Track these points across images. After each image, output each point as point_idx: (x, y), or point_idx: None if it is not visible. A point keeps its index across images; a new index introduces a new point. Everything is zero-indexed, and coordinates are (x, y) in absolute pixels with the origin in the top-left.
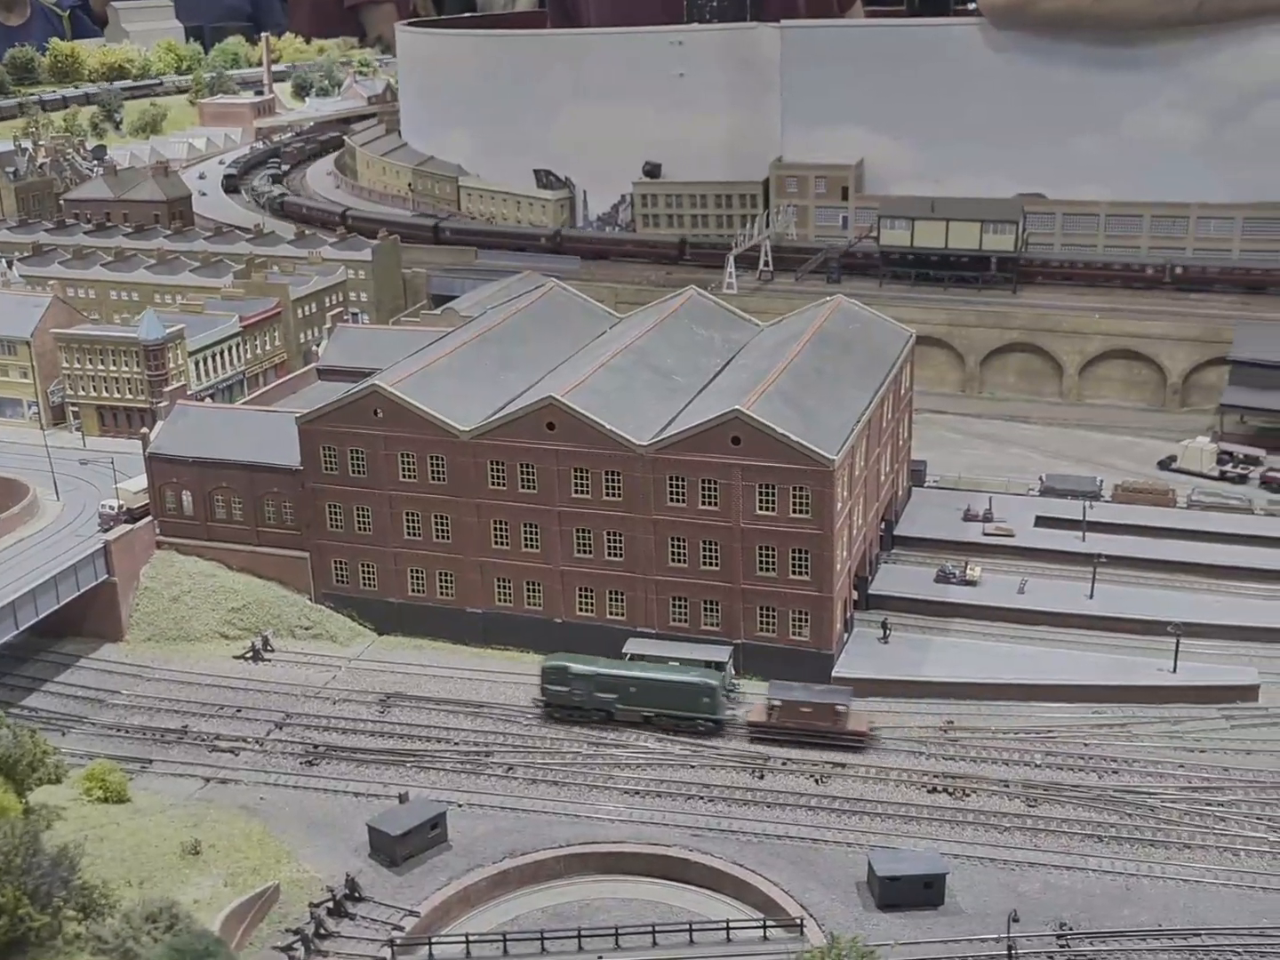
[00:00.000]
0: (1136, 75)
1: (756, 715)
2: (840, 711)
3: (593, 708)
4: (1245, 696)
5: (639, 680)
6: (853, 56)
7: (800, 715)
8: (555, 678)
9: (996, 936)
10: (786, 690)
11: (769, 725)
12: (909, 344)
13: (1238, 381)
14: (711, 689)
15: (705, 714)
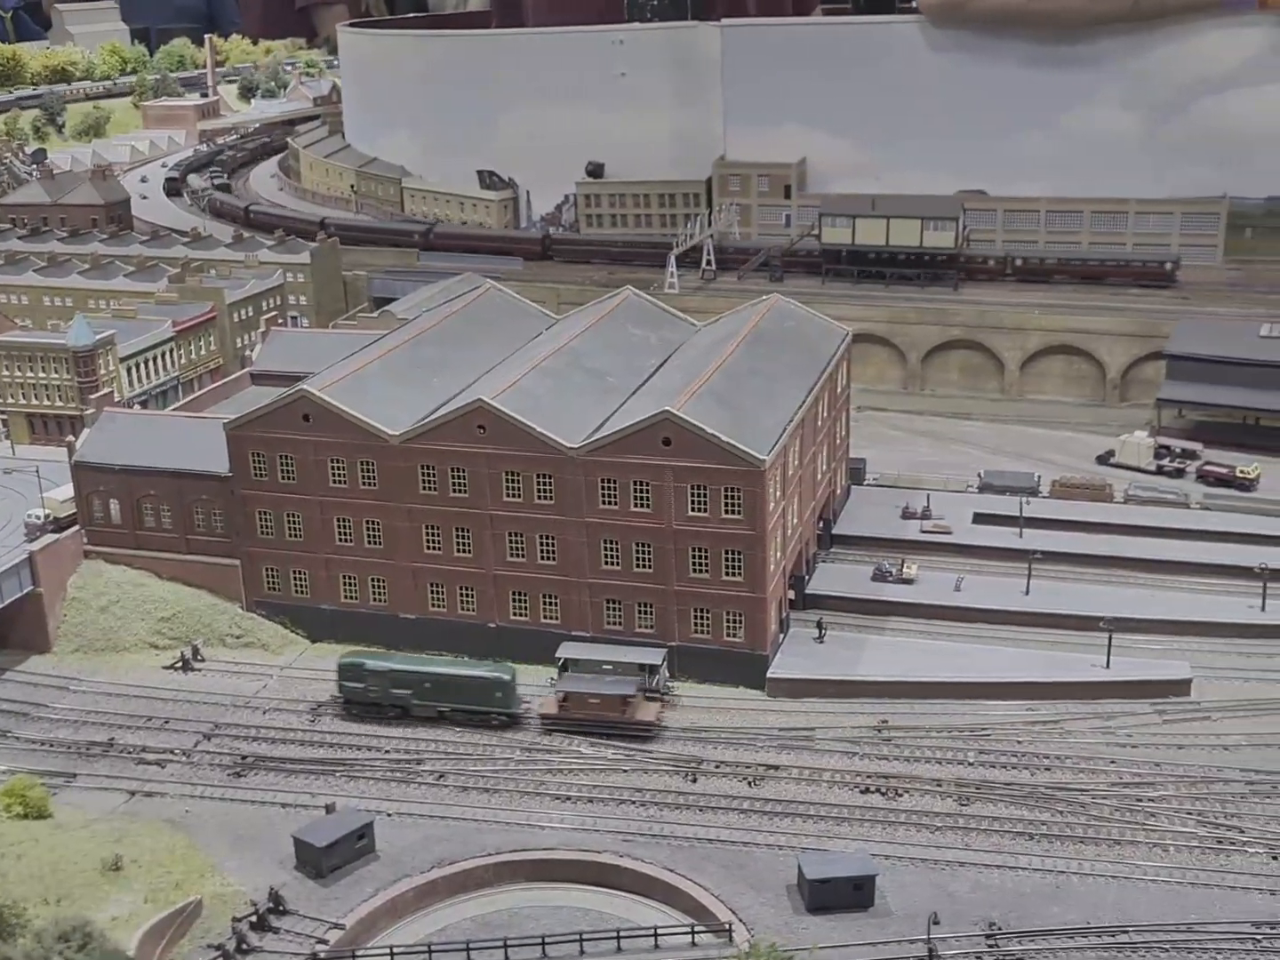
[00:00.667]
0: (1074, 72)
1: (548, 707)
2: (628, 702)
3: (389, 704)
4: (1178, 691)
5: (433, 676)
6: (794, 55)
7: (589, 706)
8: (351, 675)
9: (925, 938)
10: (576, 682)
11: (560, 717)
12: (845, 342)
13: (1175, 376)
14: (505, 684)
15: (499, 708)
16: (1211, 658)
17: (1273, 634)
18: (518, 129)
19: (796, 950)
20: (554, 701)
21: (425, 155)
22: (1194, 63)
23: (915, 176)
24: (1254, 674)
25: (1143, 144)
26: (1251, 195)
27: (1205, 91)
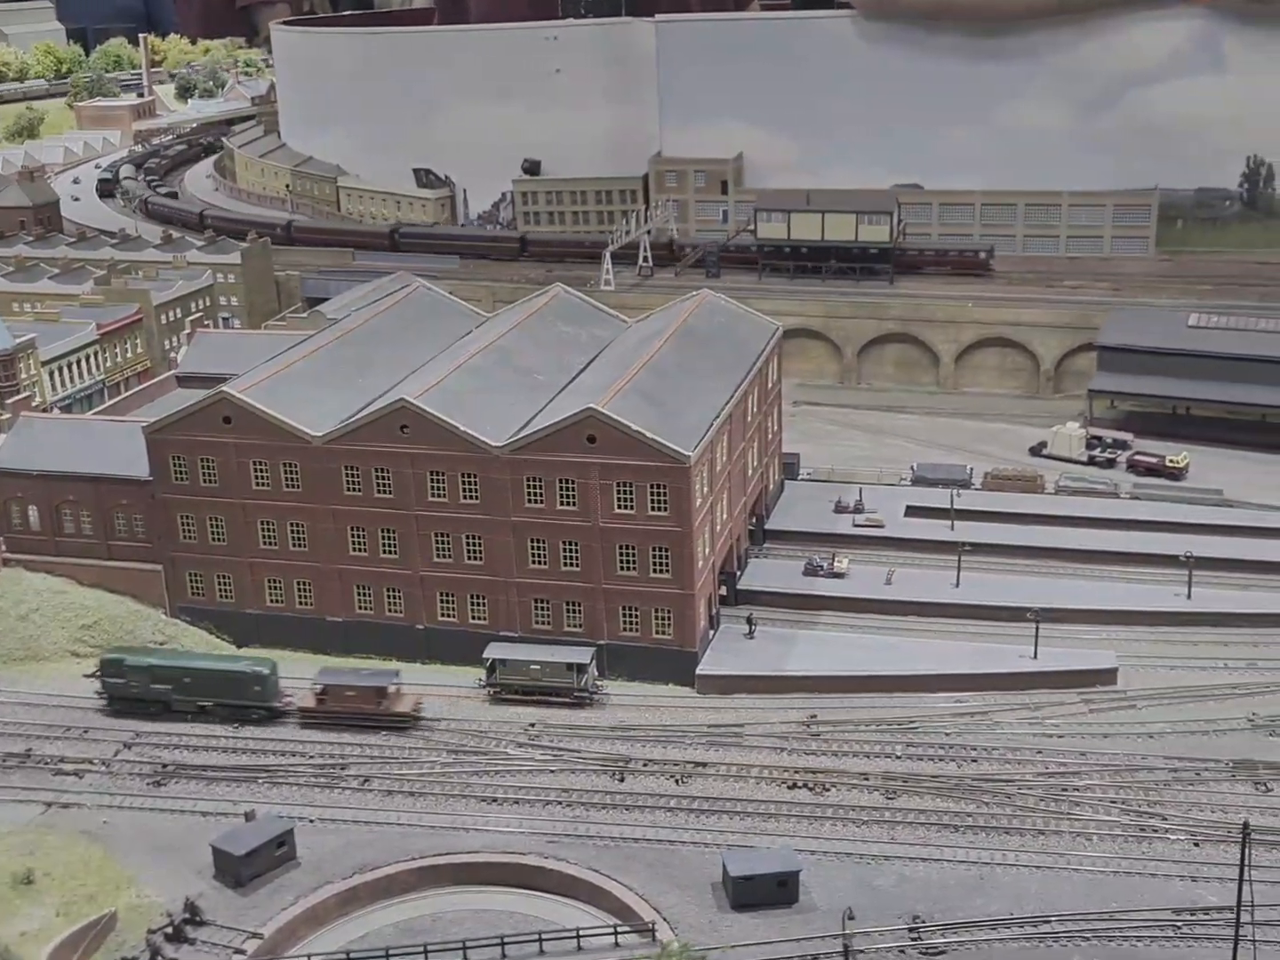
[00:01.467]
0: (1007, 65)
1: (306, 701)
2: (384, 694)
3: (150, 699)
4: (1104, 680)
5: (192, 671)
6: (728, 50)
7: (346, 700)
8: (112, 671)
9: (848, 933)
10: (334, 676)
11: (318, 711)
12: (775, 337)
13: (1106, 367)
14: (262, 678)
15: (258, 703)
16: (1139, 646)
17: (1198, 622)
18: (453, 126)
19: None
20: (312, 696)
21: (361, 154)
22: (1122, 56)
23: (851, 171)
24: (1179, 662)
25: (1074, 137)
26: (1182, 187)
27: (1134, 84)
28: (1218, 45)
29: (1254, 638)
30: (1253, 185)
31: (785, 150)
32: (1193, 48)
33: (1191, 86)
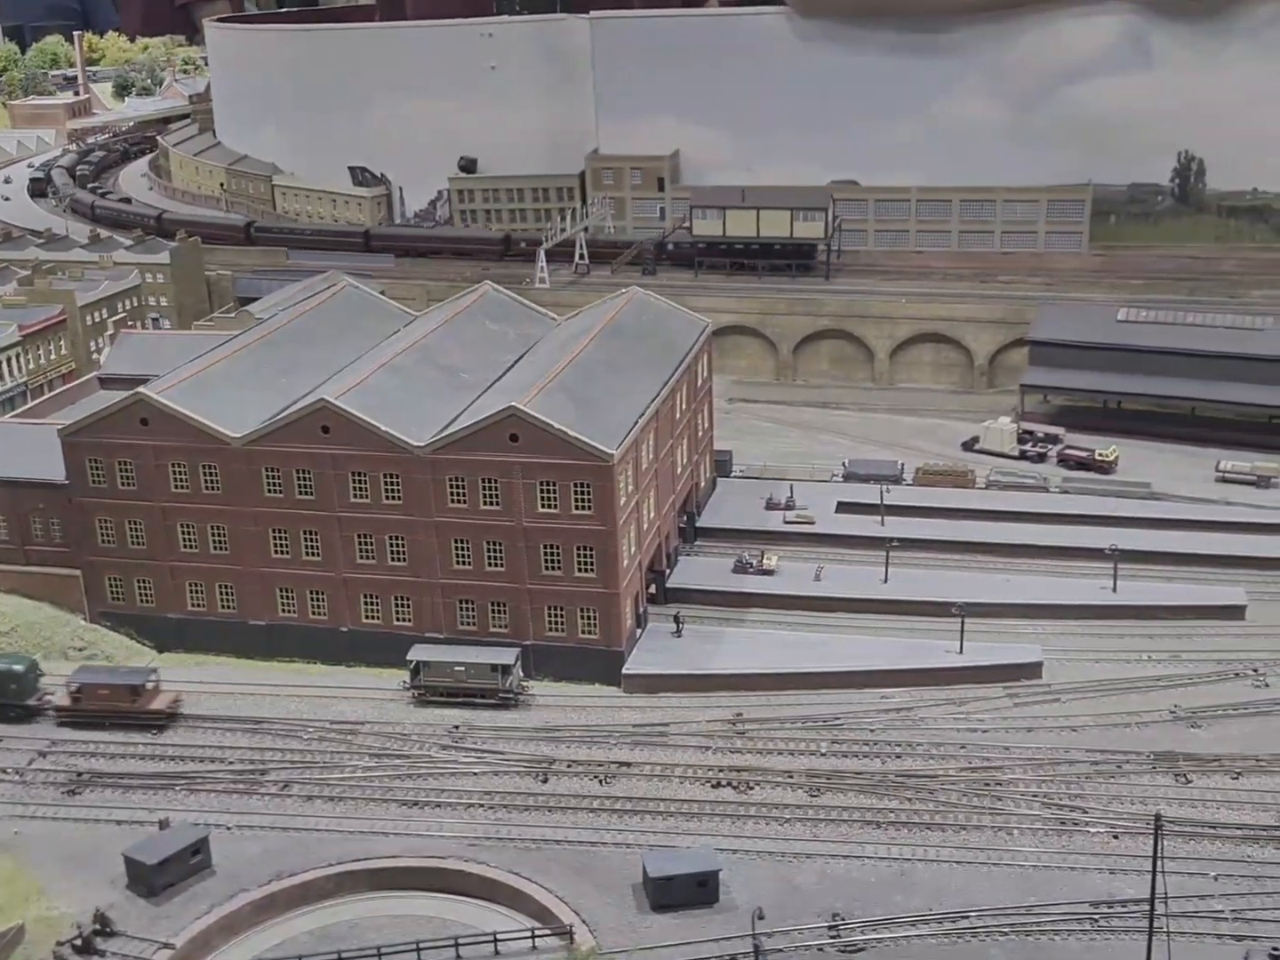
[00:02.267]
0: (941, 62)
1: (62, 700)
2: (139, 692)
3: None
4: (1029, 674)
5: None
6: (663, 47)
7: (100, 698)
8: None
9: (767, 932)
10: (89, 674)
11: (74, 709)
12: (705, 334)
13: (1037, 361)
14: (18, 676)
15: (14, 701)
16: (1065, 640)
17: (1123, 615)
18: (389, 124)
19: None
20: (67, 695)
21: (296, 152)
22: (1054, 52)
23: (788, 167)
24: (1104, 655)
25: (1009, 132)
26: (1115, 182)
27: (1067, 80)
28: (1147, 41)
29: (1178, 630)
30: (1184, 180)
31: (722, 147)
32: (1123, 44)
33: (1123, 82)
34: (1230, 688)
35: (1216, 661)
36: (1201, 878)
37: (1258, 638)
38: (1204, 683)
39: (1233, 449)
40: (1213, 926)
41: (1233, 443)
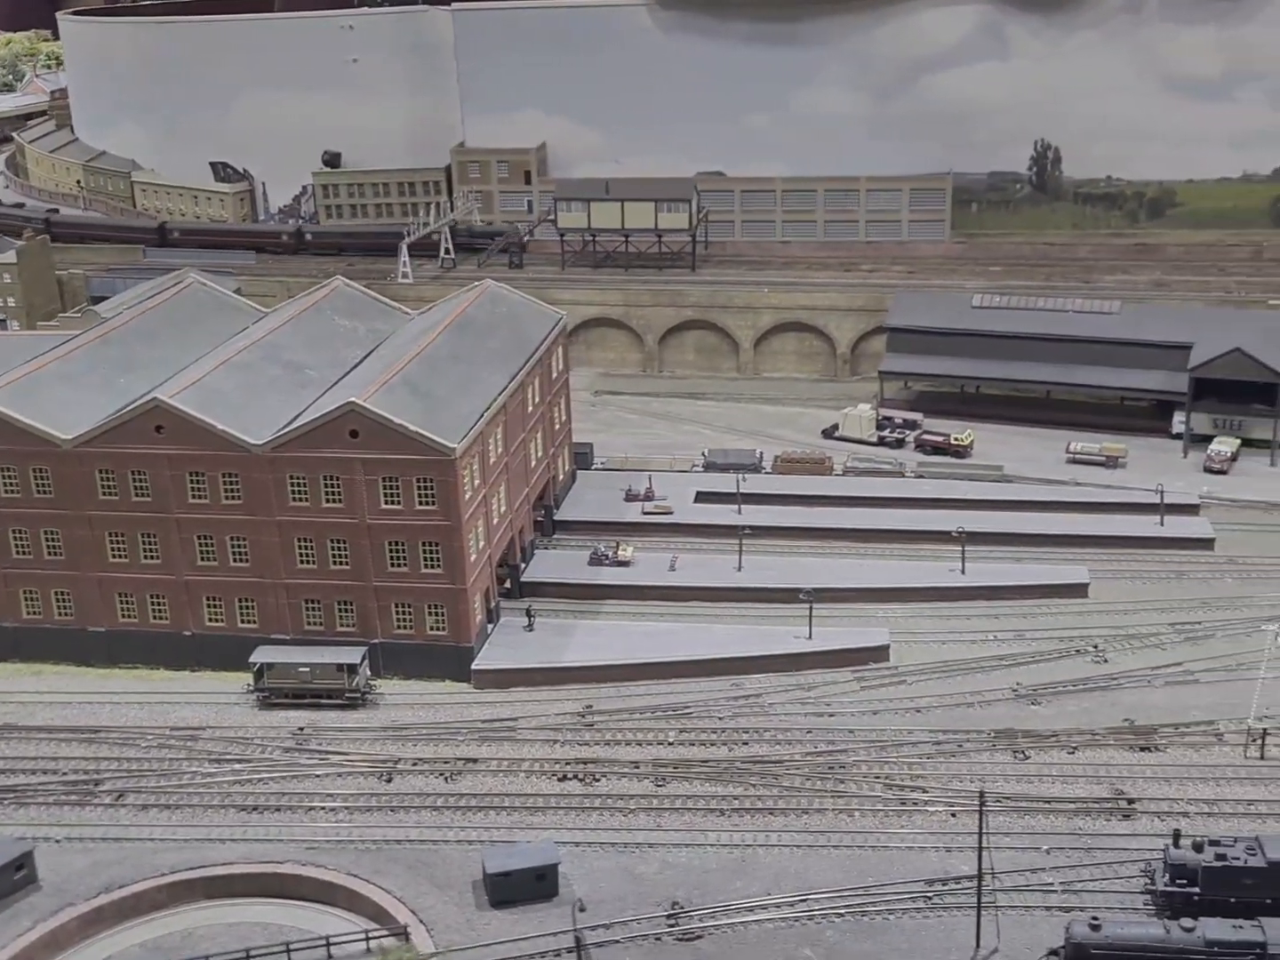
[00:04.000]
0: (802, 52)
1: None
2: None
3: None
4: (877, 657)
5: None
6: (527, 39)
7: None
8: None
9: (606, 923)
10: None
11: None
12: (559, 326)
13: (895, 348)
14: None
15: None
16: (914, 622)
17: (971, 596)
18: (250, 119)
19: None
20: None
21: (156, 148)
22: (913, 42)
23: (655, 159)
24: (951, 636)
25: (871, 122)
26: (975, 171)
27: (926, 70)
28: (1002, 32)
29: (1024, 609)
30: (1041, 169)
31: (589, 139)
32: (979, 35)
33: (980, 73)
34: (1070, 665)
35: (1059, 639)
36: (1035, 852)
37: (1099, 615)
38: (1045, 660)
39: (1086, 431)
40: (1042, 899)
41: (1086, 425)
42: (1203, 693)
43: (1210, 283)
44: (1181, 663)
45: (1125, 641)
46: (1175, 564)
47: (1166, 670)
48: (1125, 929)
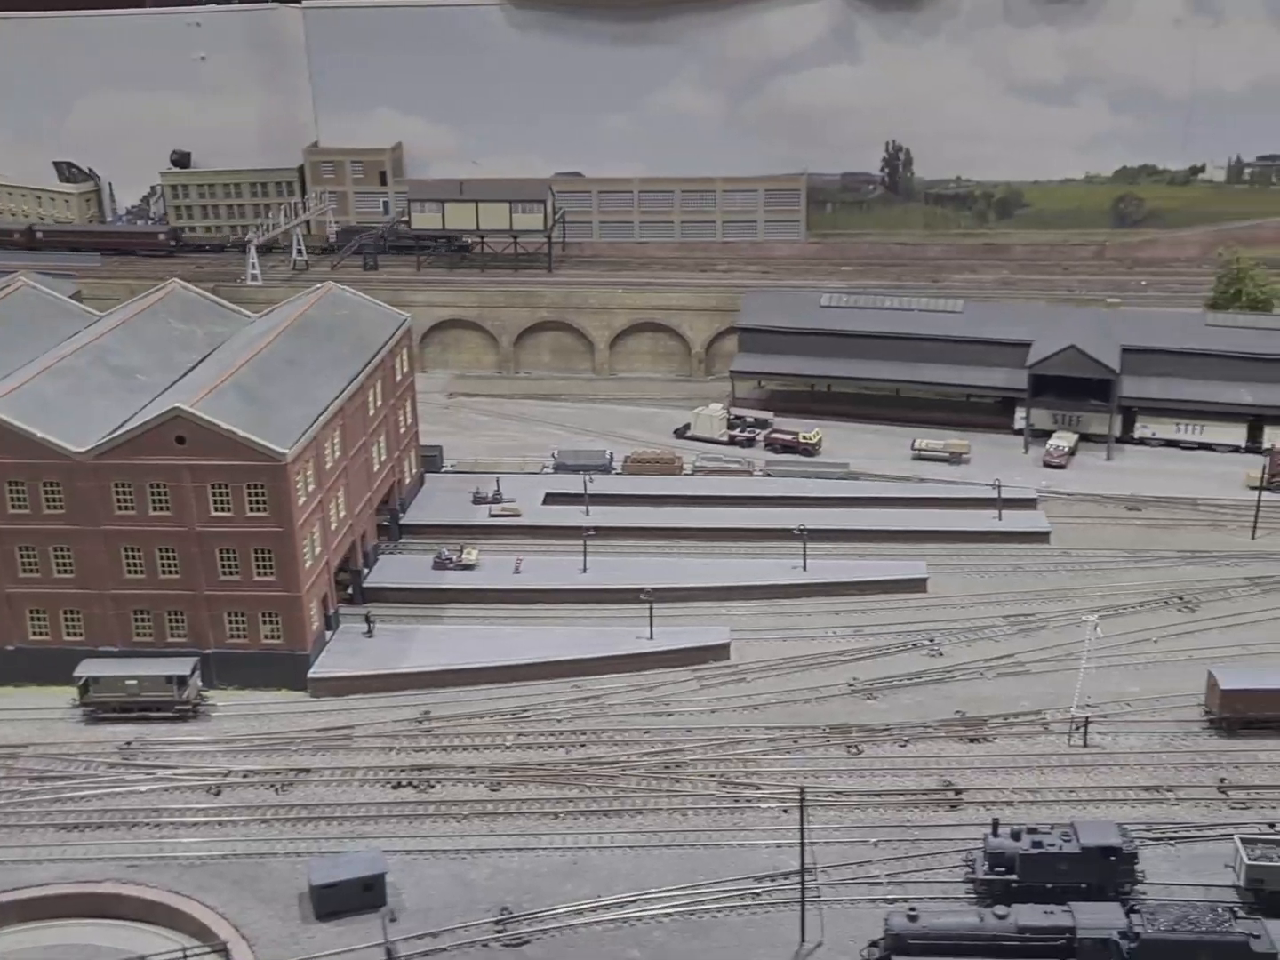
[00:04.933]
0: (657, 52)
1: None
2: None
3: None
4: (717, 656)
5: None
6: (380, 38)
7: None
8: None
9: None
10: None
11: None
12: (402, 328)
13: (746, 348)
14: None
15: None
16: (755, 620)
17: (812, 593)
18: (96, 117)
19: None
20: None
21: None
22: (766, 43)
23: (514, 159)
24: (791, 633)
25: (725, 123)
26: (829, 172)
27: (778, 72)
28: (853, 35)
29: (864, 605)
30: (893, 170)
31: (445, 139)
32: (831, 36)
33: (832, 74)
34: (907, 659)
35: (896, 634)
36: (863, 845)
37: (937, 609)
38: (883, 655)
39: (935, 427)
40: (868, 892)
41: (934, 422)
42: (1032, 683)
43: (1054, 281)
44: (1013, 654)
45: (961, 634)
46: (1012, 557)
47: (999, 662)
48: (941, 919)
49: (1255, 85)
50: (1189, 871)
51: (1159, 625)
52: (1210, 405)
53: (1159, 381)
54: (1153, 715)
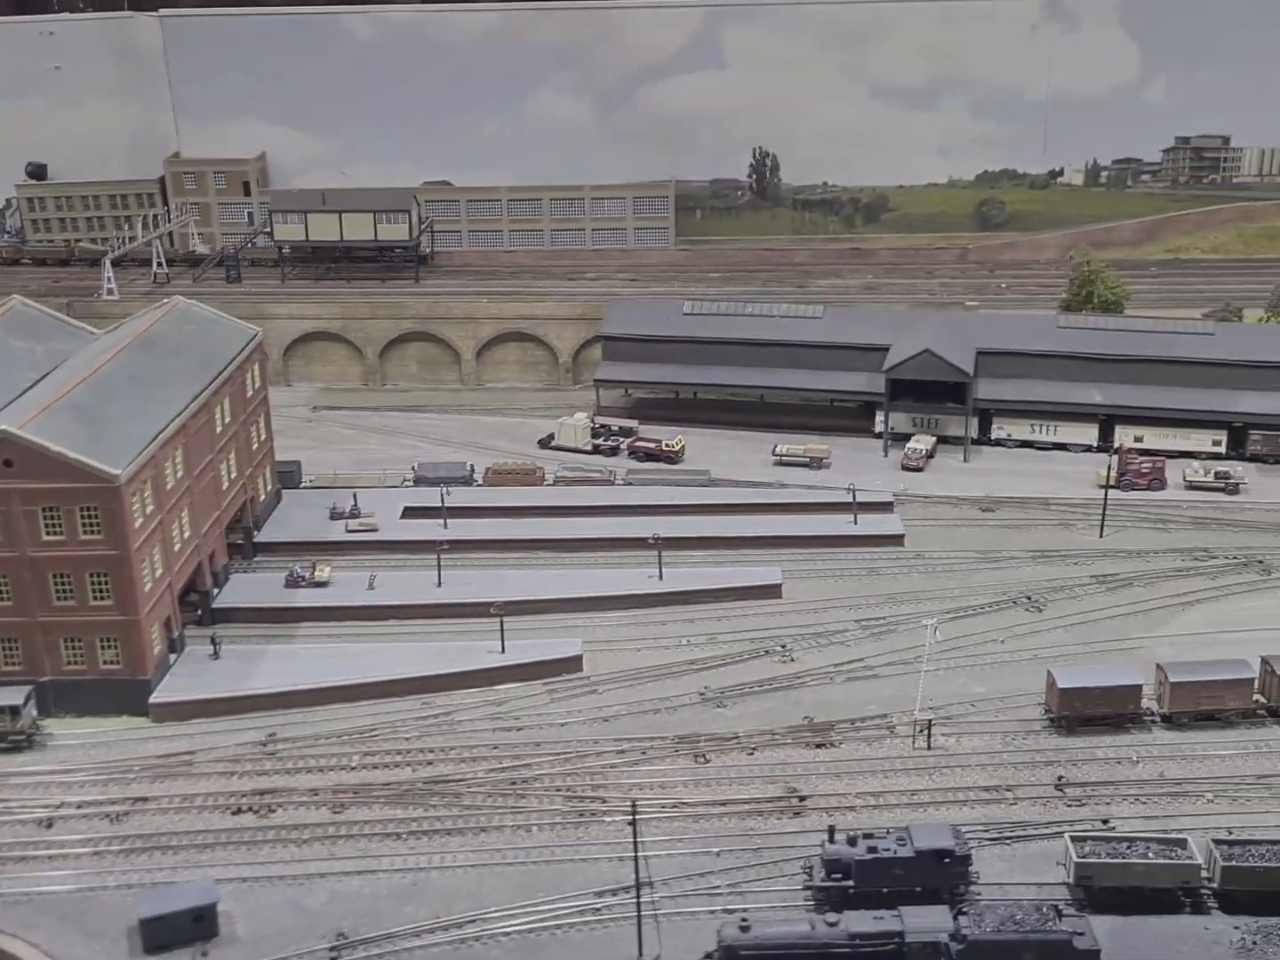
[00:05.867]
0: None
1: None
2: None
3: None
4: (570, 668)
5: None
6: (241, 46)
7: None
8: None
9: None
10: None
11: None
12: (253, 343)
13: (611, 356)
14: None
15: None
16: (611, 630)
17: (667, 601)
18: None
19: None
20: None
21: None
22: (634, 51)
23: (383, 169)
24: (645, 642)
25: (595, 130)
26: (698, 178)
27: (646, 79)
28: (718, 42)
29: (719, 612)
30: (760, 175)
31: (311, 149)
32: (696, 44)
33: (699, 81)
34: (759, 665)
35: (750, 641)
36: (706, 855)
37: (791, 614)
38: (735, 663)
39: (800, 433)
40: (709, 903)
41: (799, 427)
42: (880, 687)
43: (917, 285)
44: (863, 658)
45: (813, 639)
46: (867, 561)
47: (849, 667)
48: (773, 928)
49: (1110, 90)
50: (1023, 870)
51: (1007, 625)
52: (1062, 406)
53: (1013, 383)
54: (996, 715)
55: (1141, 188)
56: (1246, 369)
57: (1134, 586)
